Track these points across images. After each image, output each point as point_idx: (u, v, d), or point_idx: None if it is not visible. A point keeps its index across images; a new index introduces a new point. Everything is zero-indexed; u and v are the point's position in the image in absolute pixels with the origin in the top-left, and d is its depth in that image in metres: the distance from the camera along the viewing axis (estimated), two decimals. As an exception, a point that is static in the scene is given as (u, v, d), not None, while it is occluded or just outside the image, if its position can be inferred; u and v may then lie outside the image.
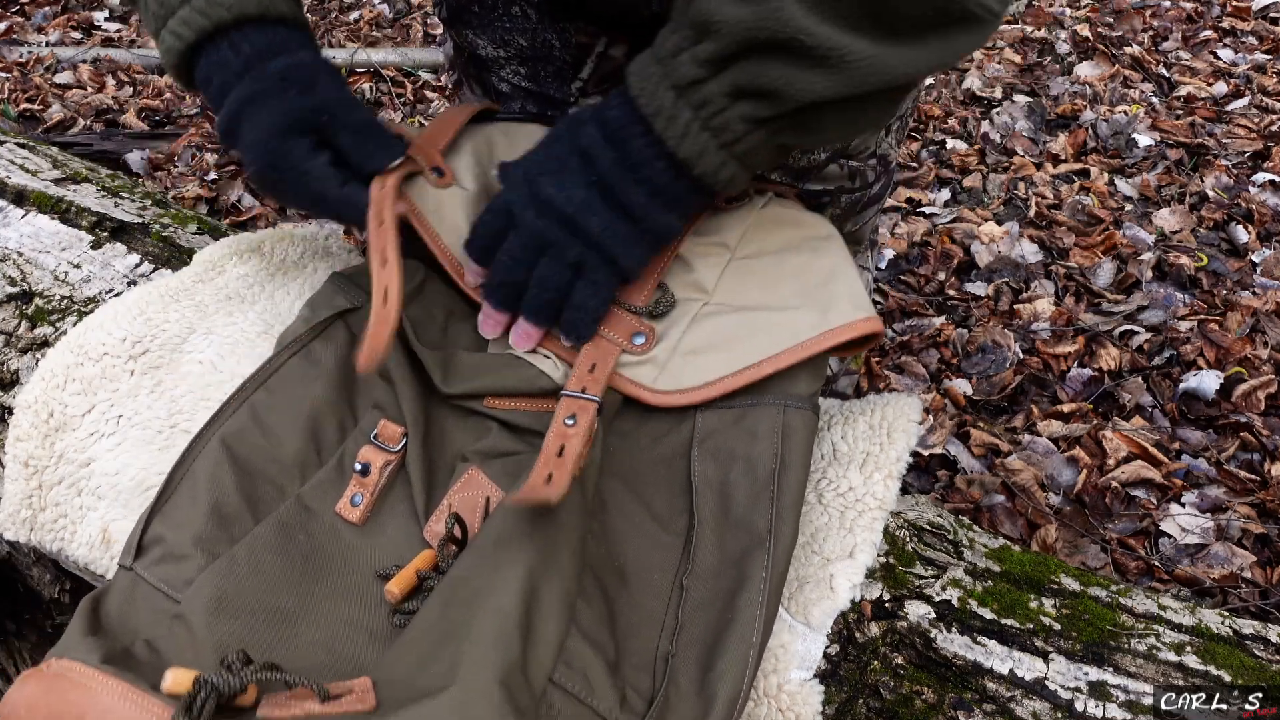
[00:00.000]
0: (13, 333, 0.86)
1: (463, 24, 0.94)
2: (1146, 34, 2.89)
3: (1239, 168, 2.28)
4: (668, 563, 0.60)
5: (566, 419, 0.62)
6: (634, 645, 0.57)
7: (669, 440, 0.66)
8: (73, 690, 0.50)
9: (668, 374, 0.66)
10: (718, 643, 0.56)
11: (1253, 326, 1.80)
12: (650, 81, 0.60)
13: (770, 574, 0.57)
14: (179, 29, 0.66)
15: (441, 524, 0.62)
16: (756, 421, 0.64)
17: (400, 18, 3.21)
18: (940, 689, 0.61)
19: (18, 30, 3.14)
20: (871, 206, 1.05)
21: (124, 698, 0.49)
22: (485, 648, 0.50)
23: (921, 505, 0.75)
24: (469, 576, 0.55)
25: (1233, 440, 1.60)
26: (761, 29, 0.55)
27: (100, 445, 0.71)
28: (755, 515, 0.60)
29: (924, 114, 2.56)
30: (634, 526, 0.62)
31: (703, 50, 0.58)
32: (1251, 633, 0.64)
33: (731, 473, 0.62)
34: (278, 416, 0.66)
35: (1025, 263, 2.02)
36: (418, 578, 0.59)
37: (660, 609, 0.58)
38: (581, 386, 0.64)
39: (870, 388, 1.72)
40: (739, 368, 0.65)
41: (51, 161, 1.09)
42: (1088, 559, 1.43)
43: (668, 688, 0.55)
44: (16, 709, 0.50)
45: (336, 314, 0.72)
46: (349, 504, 0.63)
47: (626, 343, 0.67)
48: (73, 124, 2.60)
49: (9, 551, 0.85)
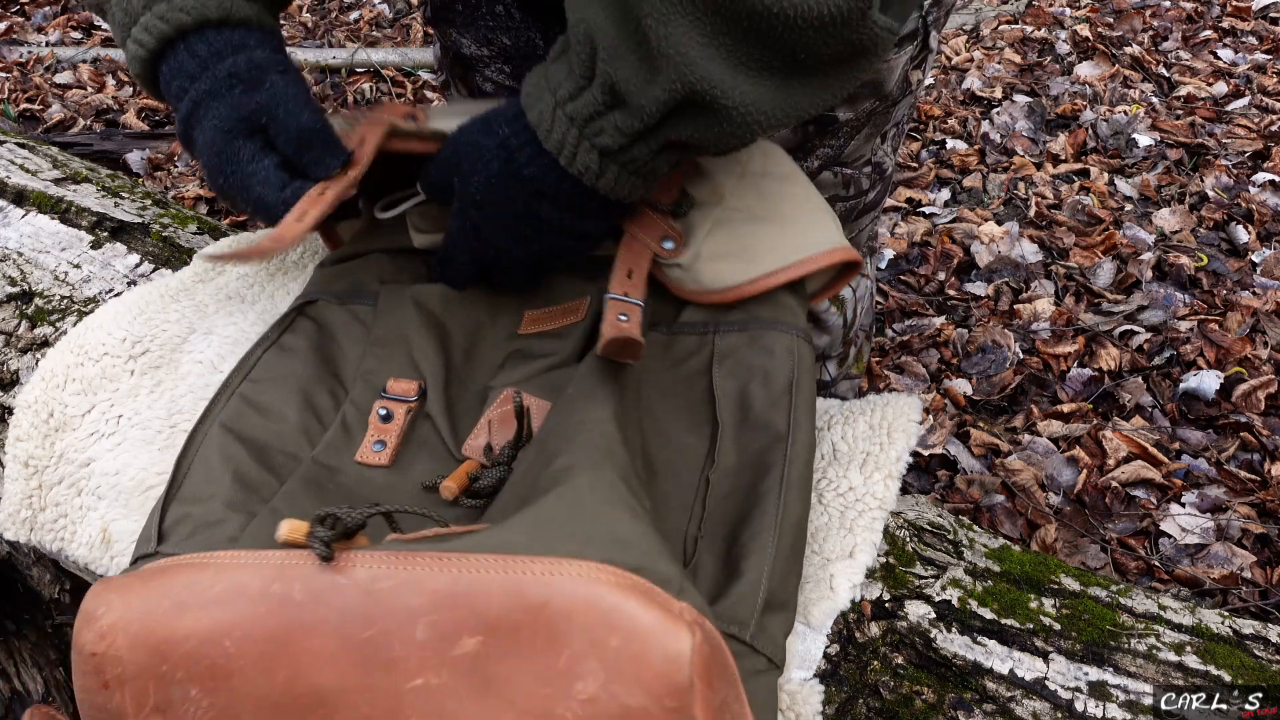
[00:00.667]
0: (13, 333, 0.86)
1: (446, 23, 0.94)
2: (1146, 34, 2.89)
3: (1239, 168, 2.28)
4: (693, 462, 0.63)
5: (619, 315, 0.63)
6: (663, 526, 0.58)
7: (690, 363, 0.68)
8: (172, 570, 0.47)
9: (691, 276, 0.69)
10: (741, 522, 0.58)
11: (1253, 326, 1.80)
12: (566, 140, 0.59)
13: (790, 464, 0.60)
14: (141, 36, 0.65)
15: (481, 439, 0.65)
16: (773, 342, 0.67)
17: (400, 18, 3.21)
18: (940, 689, 0.61)
19: (18, 30, 3.14)
20: (868, 214, 1.05)
21: (237, 559, 0.46)
22: (599, 454, 0.51)
23: (921, 505, 0.75)
24: (561, 423, 0.57)
25: (1233, 440, 1.60)
26: (679, 95, 0.53)
27: (100, 445, 0.71)
28: (774, 416, 0.63)
29: (924, 114, 2.56)
30: (662, 432, 0.64)
31: (624, 123, 0.57)
32: (1252, 633, 0.65)
33: (750, 383, 0.65)
34: (269, 398, 0.67)
35: (1025, 263, 2.02)
36: (469, 479, 0.61)
37: (688, 499, 0.61)
38: (624, 291, 0.66)
39: (870, 388, 1.72)
40: (759, 274, 0.68)
41: (51, 161, 1.09)
42: (1088, 559, 1.43)
43: (695, 561, 0.57)
44: (106, 599, 0.46)
45: (295, 308, 0.74)
46: (370, 450, 0.65)
47: (657, 245, 0.69)
48: (73, 124, 2.60)
49: (9, 551, 0.85)
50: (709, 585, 0.55)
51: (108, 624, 0.45)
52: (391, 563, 0.44)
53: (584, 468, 0.50)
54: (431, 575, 0.43)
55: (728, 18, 0.51)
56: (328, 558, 0.44)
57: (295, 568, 0.45)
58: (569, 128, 0.58)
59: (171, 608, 0.45)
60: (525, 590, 0.42)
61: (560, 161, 0.59)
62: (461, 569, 0.43)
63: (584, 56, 0.56)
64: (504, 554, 0.43)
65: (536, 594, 0.42)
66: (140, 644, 0.45)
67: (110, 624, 0.45)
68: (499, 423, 0.66)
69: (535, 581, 0.42)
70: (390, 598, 0.43)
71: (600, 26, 0.54)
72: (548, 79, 0.59)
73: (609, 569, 0.42)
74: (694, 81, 0.52)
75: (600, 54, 0.54)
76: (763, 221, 0.70)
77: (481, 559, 0.43)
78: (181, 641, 0.44)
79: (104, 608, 0.46)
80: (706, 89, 0.53)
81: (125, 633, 0.45)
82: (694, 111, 0.55)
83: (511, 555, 0.43)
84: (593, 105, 0.57)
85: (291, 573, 0.45)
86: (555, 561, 0.42)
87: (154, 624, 0.45)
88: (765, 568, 0.55)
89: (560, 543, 0.44)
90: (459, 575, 0.43)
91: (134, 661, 0.45)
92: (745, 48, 0.52)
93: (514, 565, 0.43)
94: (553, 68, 0.59)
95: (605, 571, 0.42)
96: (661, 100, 0.54)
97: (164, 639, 0.45)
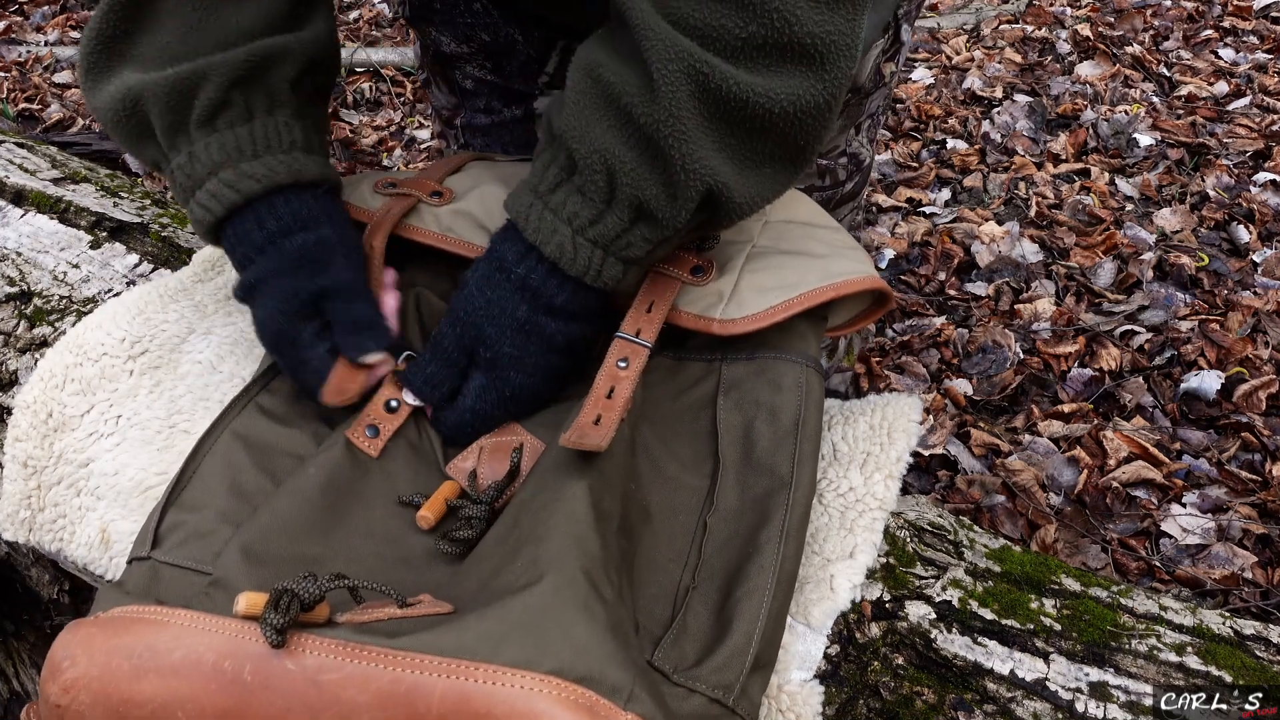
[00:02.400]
0: (11, 333, 0.85)
1: (425, 21, 0.94)
2: (1147, 33, 2.89)
3: (1240, 167, 2.28)
4: (692, 504, 0.62)
5: (619, 361, 0.63)
6: (655, 578, 0.58)
7: (695, 392, 0.67)
8: (135, 625, 0.48)
9: (735, 303, 0.67)
10: (737, 573, 0.57)
11: (1254, 326, 1.80)
12: (592, 262, 0.61)
13: (791, 512, 0.59)
14: (209, 203, 0.65)
15: (470, 461, 0.64)
16: (780, 374, 0.65)
17: (400, 17, 3.21)
18: (941, 690, 0.60)
19: (16, 29, 3.14)
20: (846, 204, 1.05)
21: (195, 623, 0.47)
22: (567, 544, 0.51)
23: (922, 505, 0.74)
24: (537, 493, 0.57)
25: (1234, 440, 1.60)
26: (701, 198, 0.58)
27: (99, 445, 0.71)
28: (778, 459, 0.61)
29: (924, 114, 2.55)
30: (660, 471, 0.63)
31: (651, 234, 0.60)
32: (1252, 633, 0.64)
33: (756, 420, 0.64)
34: (286, 410, 0.68)
35: (1026, 263, 2.02)
36: (447, 506, 0.61)
37: (684, 545, 0.60)
38: (636, 329, 0.65)
39: (870, 388, 1.72)
40: (800, 293, 0.67)
41: (50, 161, 1.09)
42: (1088, 559, 1.43)
43: (685, 614, 0.56)
44: (71, 651, 0.48)
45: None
46: (364, 432, 0.65)
47: (687, 275, 0.68)
48: (71, 123, 2.60)
49: (8, 552, 0.85)
50: (699, 642, 0.55)
51: (71, 678, 0.47)
52: (340, 653, 0.45)
53: (548, 567, 0.49)
54: (377, 672, 0.44)
55: (736, 123, 0.56)
56: (278, 645, 0.45)
57: (248, 644, 0.46)
58: (593, 250, 0.61)
59: (131, 671, 0.47)
60: (469, 697, 0.43)
61: (586, 280, 0.62)
62: (407, 669, 0.44)
63: (600, 183, 0.59)
64: (452, 658, 0.44)
65: (479, 703, 0.42)
66: (100, 702, 0.47)
67: (74, 679, 0.47)
68: (490, 452, 0.65)
69: (479, 689, 0.43)
70: (335, 690, 0.44)
71: (618, 154, 0.58)
72: (555, 211, 0.61)
73: (555, 682, 0.43)
74: (711, 185, 0.58)
75: (621, 179, 0.58)
76: (795, 254, 0.69)
77: (428, 660, 0.44)
78: (139, 706, 0.46)
79: (68, 661, 0.48)
80: (721, 189, 0.58)
81: (87, 690, 0.47)
82: (710, 208, 0.60)
83: (458, 661, 0.43)
84: (618, 226, 0.60)
85: (244, 649, 0.46)
86: (502, 671, 0.43)
87: (114, 684, 0.47)
88: (758, 627, 0.54)
89: (513, 648, 0.44)
90: (403, 675, 0.44)
91: (95, 718, 0.47)
92: (751, 144, 0.58)
93: (460, 670, 0.43)
94: (554, 198, 0.61)
95: (550, 685, 0.43)
96: (689, 209, 0.59)
97: (123, 700, 0.46)
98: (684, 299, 0.67)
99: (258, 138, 0.66)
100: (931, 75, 2.75)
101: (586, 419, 0.58)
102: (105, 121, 0.67)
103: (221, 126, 0.65)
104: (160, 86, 0.63)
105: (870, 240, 2.09)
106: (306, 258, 0.66)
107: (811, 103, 0.56)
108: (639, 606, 0.56)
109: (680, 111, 0.55)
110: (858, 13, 0.56)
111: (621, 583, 0.54)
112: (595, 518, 0.53)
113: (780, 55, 0.55)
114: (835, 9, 0.55)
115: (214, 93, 0.64)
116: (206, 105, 0.64)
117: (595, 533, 0.52)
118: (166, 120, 0.64)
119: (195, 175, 0.65)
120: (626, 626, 0.51)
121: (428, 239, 0.71)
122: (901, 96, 2.64)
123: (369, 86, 2.74)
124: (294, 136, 0.68)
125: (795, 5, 0.54)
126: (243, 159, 0.65)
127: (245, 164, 0.65)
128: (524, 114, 0.95)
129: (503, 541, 0.55)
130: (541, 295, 0.63)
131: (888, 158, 2.40)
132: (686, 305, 0.67)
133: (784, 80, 0.56)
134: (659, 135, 0.56)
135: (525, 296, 0.63)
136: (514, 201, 0.63)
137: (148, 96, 0.64)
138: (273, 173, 0.66)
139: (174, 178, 0.66)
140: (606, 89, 0.58)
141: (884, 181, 2.33)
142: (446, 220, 0.72)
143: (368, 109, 2.72)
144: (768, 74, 0.55)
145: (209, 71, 0.63)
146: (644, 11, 0.56)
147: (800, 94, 0.56)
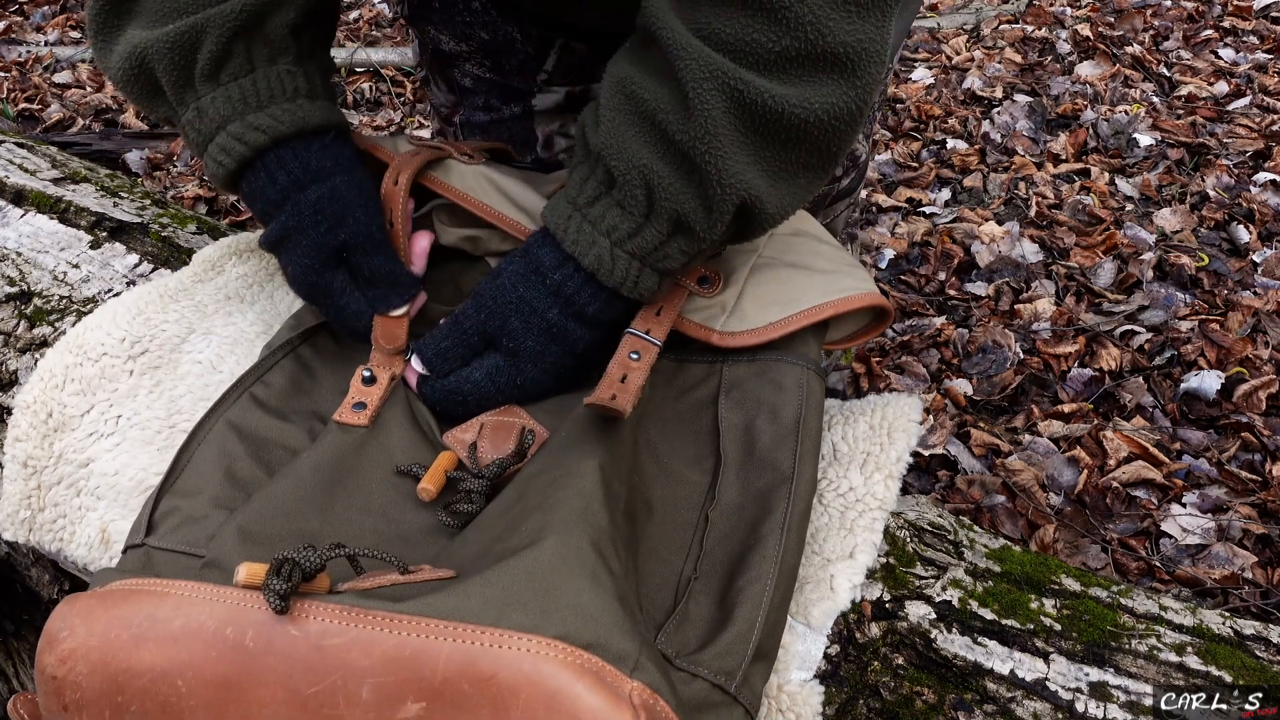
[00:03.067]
0: (11, 333, 0.85)
1: (424, 20, 0.95)
2: (1147, 33, 2.89)
3: (1240, 167, 2.28)
4: (694, 499, 0.62)
5: (631, 354, 0.64)
6: (657, 568, 0.58)
7: (697, 392, 0.68)
8: (134, 596, 0.47)
9: (736, 316, 0.68)
10: (739, 563, 0.58)
11: (1254, 326, 1.80)
12: (629, 273, 0.63)
13: (793, 505, 0.59)
14: (220, 158, 0.67)
15: (470, 434, 0.65)
16: (781, 375, 0.66)
17: (399, 17, 3.21)
18: (941, 690, 0.60)
19: (16, 29, 3.14)
20: (841, 200, 1.05)
21: (196, 593, 0.47)
22: (575, 515, 0.50)
23: (922, 505, 0.74)
24: (545, 470, 0.57)
25: (1234, 440, 1.60)
26: (736, 210, 0.60)
27: (99, 445, 0.71)
28: (779, 455, 0.62)
29: (924, 114, 2.55)
30: (663, 467, 0.64)
31: (688, 246, 0.62)
32: (1253, 633, 0.64)
33: (757, 419, 0.64)
34: (280, 403, 0.68)
35: (1026, 263, 2.02)
36: (447, 478, 0.61)
37: (686, 538, 0.60)
38: (646, 328, 0.66)
39: (870, 388, 1.72)
40: (797, 310, 0.68)
41: (50, 161, 1.09)
42: (1088, 559, 1.43)
43: (687, 602, 0.56)
44: (69, 622, 0.47)
45: (321, 322, 0.74)
46: (350, 410, 0.65)
47: (694, 285, 0.69)
48: (71, 123, 2.60)
49: (8, 552, 0.85)
50: (701, 628, 0.55)
51: (68, 649, 0.46)
52: (343, 618, 0.44)
53: (555, 531, 0.49)
54: (381, 636, 0.43)
55: (771, 135, 0.58)
56: (282, 611, 0.44)
57: (250, 612, 0.45)
58: (630, 261, 0.63)
59: (130, 639, 0.46)
60: (474, 660, 0.42)
61: (622, 291, 0.64)
62: (412, 632, 0.43)
63: (640, 197, 0.61)
64: (456, 621, 0.43)
65: (485, 666, 0.42)
66: (98, 672, 0.46)
67: (71, 649, 0.46)
68: (493, 429, 0.65)
69: (484, 653, 0.42)
70: (339, 655, 0.43)
71: (655, 170, 0.59)
72: (594, 224, 0.62)
73: (561, 646, 0.42)
74: (746, 198, 0.59)
75: (659, 193, 0.60)
76: (798, 268, 0.70)
77: (433, 624, 0.43)
78: (138, 675, 0.45)
79: (66, 631, 0.47)
80: (755, 201, 0.59)
81: (85, 660, 0.46)
82: (744, 219, 0.61)
83: (464, 624, 0.43)
84: (657, 238, 0.62)
85: (246, 617, 0.45)
86: (507, 634, 0.42)
87: (112, 653, 0.46)
88: (759, 617, 0.55)
89: (518, 612, 0.44)
90: (407, 639, 0.43)
91: (92, 688, 0.46)
92: (785, 155, 0.59)
93: (465, 633, 0.43)
94: (592, 211, 0.62)
95: (556, 649, 0.42)
96: (725, 221, 0.60)
97: (121, 669, 0.45)
98: (688, 307, 0.68)
99: (261, 88, 0.66)
100: (931, 75, 2.75)
101: (604, 394, 0.59)
102: (116, 82, 0.68)
103: (225, 79, 0.66)
104: (163, 43, 0.64)
105: (870, 240, 2.09)
106: (323, 213, 0.67)
107: (845, 110, 0.57)
108: (642, 593, 0.56)
109: (715, 128, 0.56)
110: (886, 18, 0.56)
111: (628, 562, 0.54)
112: (605, 495, 0.53)
113: (813, 65, 0.56)
114: (865, 16, 0.55)
115: (214, 45, 0.64)
116: (209, 59, 0.65)
117: (604, 508, 0.52)
118: (172, 76, 0.65)
119: (205, 130, 0.66)
120: (632, 601, 0.51)
121: (448, 193, 0.72)
122: (901, 96, 2.64)
123: (369, 86, 2.74)
124: (297, 84, 0.68)
125: (827, 16, 0.54)
126: (248, 110, 0.66)
127: (251, 115, 0.66)
128: (522, 111, 0.96)
129: (507, 511, 0.55)
130: (575, 303, 0.65)
131: (888, 158, 2.40)
132: (690, 313, 0.68)
133: (817, 90, 0.56)
134: (695, 152, 0.57)
135: (558, 301, 0.65)
136: (551, 213, 0.65)
137: (152, 54, 0.64)
138: (277, 123, 0.66)
139: (186, 133, 0.68)
140: (641, 105, 0.59)
141: (884, 181, 2.33)
142: (470, 180, 0.73)
143: (368, 109, 2.72)
144: (801, 84, 0.56)
145: (207, 25, 0.64)
146: (675, 30, 0.56)
147: (834, 102, 0.57)
